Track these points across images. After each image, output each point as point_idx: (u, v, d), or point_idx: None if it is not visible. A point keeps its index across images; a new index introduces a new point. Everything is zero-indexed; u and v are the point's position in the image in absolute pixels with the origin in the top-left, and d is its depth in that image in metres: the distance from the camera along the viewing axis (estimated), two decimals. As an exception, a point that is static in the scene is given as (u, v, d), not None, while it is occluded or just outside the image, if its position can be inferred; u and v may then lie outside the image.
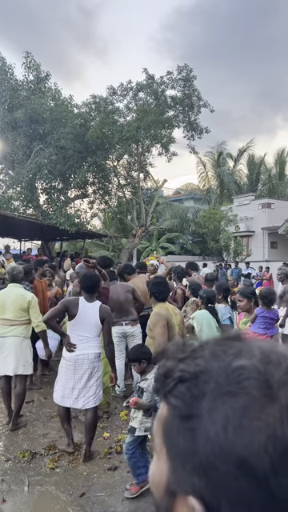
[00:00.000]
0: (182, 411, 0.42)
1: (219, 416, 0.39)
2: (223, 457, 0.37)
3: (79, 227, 14.37)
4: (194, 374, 0.43)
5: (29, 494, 3.26)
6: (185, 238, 28.58)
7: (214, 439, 0.38)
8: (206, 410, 0.40)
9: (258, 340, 0.47)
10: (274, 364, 0.41)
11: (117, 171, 16.73)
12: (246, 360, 0.42)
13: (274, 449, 0.36)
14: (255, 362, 0.41)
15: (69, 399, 3.74)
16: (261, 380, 0.40)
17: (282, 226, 20.40)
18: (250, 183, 29.70)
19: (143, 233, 16.31)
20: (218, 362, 0.43)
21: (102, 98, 14.89)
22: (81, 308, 3.76)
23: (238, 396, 0.39)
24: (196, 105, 14.43)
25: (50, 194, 15.67)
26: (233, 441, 0.37)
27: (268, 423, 0.37)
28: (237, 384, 0.40)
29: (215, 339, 0.48)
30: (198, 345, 0.47)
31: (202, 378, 0.42)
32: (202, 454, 0.39)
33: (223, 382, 0.41)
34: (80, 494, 3.22)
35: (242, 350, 0.44)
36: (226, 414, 0.39)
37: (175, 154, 15.73)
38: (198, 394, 0.41)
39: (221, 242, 21.73)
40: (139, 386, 3.21)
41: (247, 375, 0.40)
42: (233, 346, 0.44)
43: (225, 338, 0.48)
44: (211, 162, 30.56)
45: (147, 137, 14.33)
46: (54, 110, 14.54)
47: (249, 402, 0.39)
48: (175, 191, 37.85)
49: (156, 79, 14.27)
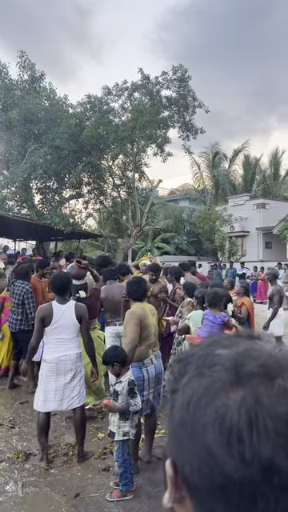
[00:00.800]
0: (171, 386, 0.50)
1: (188, 391, 0.46)
2: (183, 424, 0.45)
3: (74, 227, 14.33)
4: (186, 356, 0.51)
5: (23, 495, 3.25)
6: (180, 238, 28.62)
7: (179, 408, 0.46)
8: (182, 385, 0.48)
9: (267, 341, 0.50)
10: (251, 358, 0.45)
11: (112, 171, 16.71)
12: (226, 350, 0.48)
13: (221, 426, 0.41)
14: (233, 353, 0.46)
15: (52, 402, 3.65)
16: (230, 367, 0.45)
17: (276, 226, 20.48)
18: (245, 183, 29.80)
19: (138, 233, 16.31)
20: (207, 349, 0.50)
21: (97, 97, 14.87)
22: (55, 313, 3.69)
23: (205, 377, 0.46)
24: (191, 105, 14.44)
25: (44, 193, 15.61)
26: (191, 412, 0.44)
27: (224, 404, 0.42)
28: (209, 367, 0.46)
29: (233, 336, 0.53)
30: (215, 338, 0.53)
31: (188, 360, 0.50)
32: (173, 421, 0.47)
33: (200, 364, 0.48)
34: (74, 494, 3.21)
35: (234, 344, 0.49)
36: (193, 389, 0.45)
37: (170, 155, 15.75)
38: (183, 372, 0.49)
39: (216, 242, 21.80)
40: (114, 388, 3.19)
41: (219, 361, 0.46)
42: (232, 341, 0.50)
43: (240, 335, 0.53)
44: (206, 163, 30.62)
45: (142, 137, 14.33)
46: (49, 109, 14.49)
47: (213, 384, 0.44)
48: (170, 191, 37.89)
49: (151, 79, 14.27)
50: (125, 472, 3.14)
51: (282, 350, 0.47)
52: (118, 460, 3.14)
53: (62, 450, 3.98)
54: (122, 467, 3.13)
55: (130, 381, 3.19)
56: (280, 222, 19.35)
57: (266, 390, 0.42)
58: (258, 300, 17.02)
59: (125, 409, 3.11)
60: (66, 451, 3.96)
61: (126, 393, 3.12)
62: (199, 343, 0.53)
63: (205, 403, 0.44)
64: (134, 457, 3.52)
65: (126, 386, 3.14)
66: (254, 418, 0.40)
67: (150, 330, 3.64)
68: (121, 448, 3.14)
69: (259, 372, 0.43)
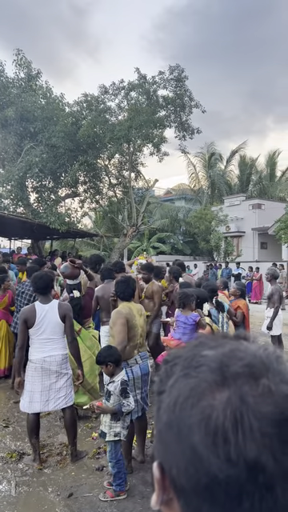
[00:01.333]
0: (158, 387, 0.50)
1: (174, 392, 0.46)
2: (169, 425, 0.45)
3: (70, 226, 14.29)
4: (173, 357, 0.51)
5: (16, 495, 3.24)
6: (176, 238, 28.65)
7: (166, 409, 0.46)
8: (169, 386, 0.48)
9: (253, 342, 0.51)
10: (237, 358, 0.46)
11: (108, 170, 16.69)
12: (212, 351, 0.48)
13: (206, 427, 0.42)
14: (219, 354, 0.47)
15: (38, 403, 3.61)
16: (215, 368, 0.45)
17: (272, 226, 20.54)
18: (241, 184, 29.86)
19: (134, 232, 16.30)
20: (193, 350, 0.50)
21: (93, 96, 14.83)
22: (38, 313, 3.64)
23: (191, 377, 0.46)
24: (188, 105, 14.45)
25: (40, 192, 15.57)
26: (177, 413, 0.44)
27: (210, 404, 0.43)
28: (194, 368, 0.46)
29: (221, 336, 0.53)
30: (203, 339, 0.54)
31: (175, 361, 0.50)
32: (161, 420, 0.47)
33: (186, 365, 0.48)
34: (68, 494, 3.20)
35: (220, 344, 0.49)
36: (179, 390, 0.46)
37: (166, 154, 15.76)
38: (169, 374, 0.49)
39: (211, 242, 21.84)
40: (107, 388, 3.16)
41: (205, 362, 0.46)
42: (219, 342, 0.50)
43: (225, 335, 0.53)
44: (202, 163, 30.65)
45: (139, 136, 14.31)
46: (45, 108, 14.44)
47: (198, 385, 0.45)
48: (166, 191, 37.91)
49: (148, 79, 14.26)
50: (118, 472, 3.14)
51: (267, 350, 0.48)
52: (112, 460, 3.13)
53: (55, 450, 3.97)
54: (115, 467, 3.13)
55: (122, 381, 3.18)
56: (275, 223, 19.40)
57: (251, 390, 0.43)
58: (252, 300, 17.07)
59: (117, 410, 3.10)
60: (59, 451, 3.95)
61: (119, 393, 3.11)
62: (186, 345, 0.53)
63: (191, 404, 0.44)
64: (128, 457, 3.52)
65: (118, 385, 3.12)
66: (240, 418, 0.41)
67: (137, 330, 3.61)
68: (113, 449, 3.13)
69: (244, 372, 0.44)
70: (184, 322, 3.59)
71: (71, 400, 3.77)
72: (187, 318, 3.57)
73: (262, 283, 17.34)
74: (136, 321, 3.63)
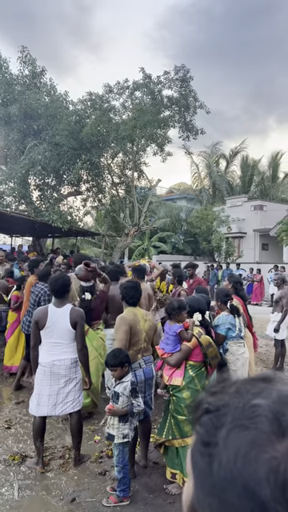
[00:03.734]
0: (204, 438, 0.48)
1: (231, 445, 0.44)
2: (232, 481, 0.42)
3: (72, 225, 14.27)
4: (217, 407, 0.49)
5: (19, 499, 3.23)
6: (177, 238, 28.62)
7: (225, 465, 0.44)
8: (222, 439, 0.45)
9: (285, 383, 0.51)
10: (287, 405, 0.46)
11: (111, 169, 16.65)
12: (262, 399, 0.47)
13: (276, 480, 0.40)
14: (270, 402, 0.46)
15: (45, 407, 3.61)
16: (272, 418, 0.44)
17: (273, 228, 20.51)
18: (243, 185, 29.82)
19: (136, 232, 16.28)
20: (239, 398, 0.48)
21: (97, 95, 14.78)
22: (50, 316, 3.63)
23: (249, 429, 0.44)
24: (192, 106, 14.39)
25: (43, 190, 15.53)
26: (240, 468, 0.42)
27: (273, 457, 0.42)
28: (250, 419, 0.45)
29: (245, 379, 0.53)
30: (230, 382, 0.53)
31: (222, 411, 0.48)
32: (215, 476, 0.44)
33: (239, 416, 0.46)
34: (71, 499, 3.20)
35: (262, 390, 0.49)
36: (238, 444, 0.44)
37: (170, 154, 15.72)
38: (217, 424, 0.47)
39: (212, 242, 21.80)
40: (114, 390, 3.14)
41: (260, 412, 0.45)
42: (257, 386, 0.50)
43: (253, 378, 0.53)
44: (205, 162, 30.61)
45: (143, 136, 14.27)
46: (49, 105, 14.38)
47: (258, 436, 0.43)
48: (168, 190, 37.85)
49: (153, 79, 14.21)
50: (124, 478, 3.13)
51: None
52: (119, 465, 3.12)
53: (58, 453, 3.97)
54: (121, 472, 3.12)
55: (132, 381, 3.19)
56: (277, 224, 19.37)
57: None
58: (253, 302, 17.08)
59: (129, 410, 3.10)
60: (62, 454, 3.95)
61: (129, 393, 3.11)
62: (221, 390, 0.52)
63: (254, 457, 0.42)
64: (131, 461, 3.51)
65: (128, 386, 3.12)
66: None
67: (141, 335, 3.59)
68: (121, 453, 3.12)
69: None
70: (167, 331, 3.54)
71: (79, 405, 3.77)
72: (169, 328, 3.50)
73: (263, 285, 17.35)
74: (140, 326, 3.61)
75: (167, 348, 3.51)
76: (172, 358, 3.45)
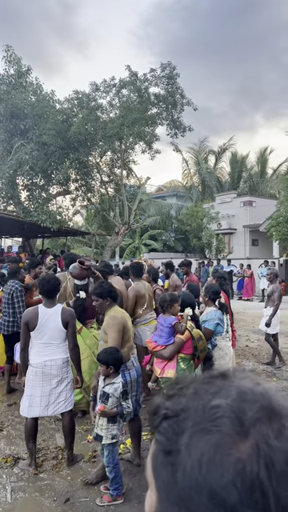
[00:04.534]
0: (165, 446, 0.45)
1: (195, 452, 0.42)
2: (197, 489, 0.41)
3: (61, 224, 14.20)
4: (176, 411, 0.46)
5: (12, 501, 3.21)
6: (167, 235, 28.68)
7: (190, 473, 0.41)
8: (184, 445, 0.43)
9: (243, 378, 0.50)
10: (248, 403, 0.44)
11: (99, 168, 16.59)
12: (222, 399, 0.45)
13: (242, 483, 0.39)
14: (230, 402, 0.44)
15: (37, 408, 3.59)
16: (234, 418, 0.43)
17: (263, 223, 20.65)
18: (232, 181, 29.95)
19: (126, 230, 16.25)
20: (198, 400, 0.46)
21: (84, 93, 14.70)
22: (41, 317, 3.61)
23: (211, 433, 0.42)
24: (179, 103, 14.40)
25: (31, 190, 15.43)
26: (206, 475, 0.40)
27: (238, 459, 0.40)
28: (211, 422, 0.43)
29: (203, 377, 0.51)
30: (186, 382, 0.50)
31: (182, 416, 0.45)
32: (180, 486, 0.42)
33: (200, 419, 0.44)
34: (64, 499, 3.19)
35: (221, 389, 0.47)
36: (201, 449, 0.42)
37: (158, 152, 15.70)
38: (178, 430, 0.45)
39: (203, 239, 21.87)
40: (104, 391, 3.11)
41: (221, 413, 0.43)
42: (215, 385, 0.48)
43: (211, 376, 0.51)
44: (193, 159, 30.67)
45: (130, 134, 14.24)
46: (36, 105, 14.29)
47: (221, 439, 0.42)
48: (158, 188, 37.87)
49: (139, 76, 14.17)
50: (116, 477, 3.13)
51: (263, 385, 0.48)
52: (109, 465, 3.12)
53: (51, 454, 3.95)
54: (113, 472, 3.12)
55: (123, 383, 3.18)
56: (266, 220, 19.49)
57: (272, 433, 0.42)
58: (244, 297, 17.19)
59: (119, 411, 3.09)
60: (55, 454, 3.93)
61: (120, 395, 3.10)
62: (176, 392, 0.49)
63: (219, 462, 0.41)
64: None
65: (120, 387, 3.11)
66: (271, 465, 0.40)
67: (130, 332, 3.61)
68: (111, 453, 3.12)
69: (261, 416, 0.43)
70: (161, 323, 3.57)
71: (71, 404, 3.75)
72: (164, 321, 3.54)
73: (254, 280, 17.46)
74: (129, 323, 3.63)
75: (160, 341, 3.53)
76: (166, 350, 3.48)
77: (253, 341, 8.90)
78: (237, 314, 12.33)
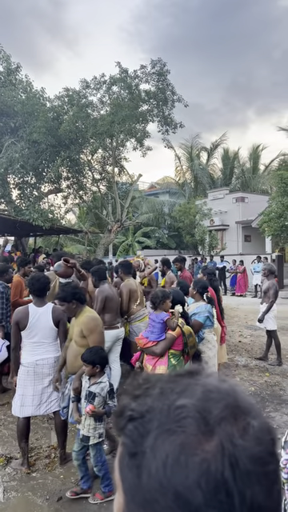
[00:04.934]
0: (130, 449, 0.45)
1: (159, 453, 0.42)
2: (162, 491, 0.40)
3: (53, 223, 14.14)
4: (141, 413, 0.46)
5: (5, 501, 3.20)
6: (161, 232, 28.69)
7: (154, 475, 0.41)
8: (149, 447, 0.43)
9: (209, 376, 0.49)
10: (214, 401, 0.44)
11: (91, 165, 16.53)
12: (187, 399, 0.45)
13: (207, 483, 0.39)
14: (195, 401, 0.44)
15: (29, 407, 3.57)
16: (199, 418, 0.42)
17: (255, 219, 20.72)
18: (224, 177, 30.00)
19: (119, 228, 16.23)
20: (163, 400, 0.46)
21: (74, 91, 14.62)
22: (31, 316, 3.59)
23: (176, 434, 0.42)
24: (170, 99, 14.38)
25: (22, 189, 15.33)
26: (170, 476, 0.40)
27: (203, 459, 0.40)
28: (176, 422, 0.43)
29: (170, 376, 0.51)
30: (153, 382, 0.50)
31: (147, 417, 0.45)
32: (145, 488, 0.42)
33: (165, 420, 0.44)
34: (57, 498, 3.19)
35: (186, 388, 0.47)
36: (166, 451, 0.41)
37: (150, 149, 15.68)
38: (143, 432, 0.44)
39: (196, 235, 21.92)
40: (90, 390, 3.08)
41: (186, 414, 0.43)
42: (181, 384, 0.48)
43: (178, 374, 0.51)
44: (186, 156, 30.68)
45: (121, 131, 14.20)
46: (26, 102, 14.18)
47: (186, 440, 0.41)
48: (151, 185, 37.85)
49: (130, 73, 14.12)
50: (106, 474, 3.13)
51: (229, 383, 0.48)
52: (98, 464, 3.11)
53: (43, 453, 3.94)
54: (102, 470, 3.12)
55: (110, 382, 3.17)
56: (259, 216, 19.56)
57: (237, 432, 0.42)
58: (237, 293, 17.26)
59: (107, 411, 3.08)
60: (48, 453, 3.92)
61: (106, 394, 3.09)
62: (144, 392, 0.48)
63: (184, 463, 0.40)
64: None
65: (106, 386, 3.10)
66: (236, 463, 0.40)
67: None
68: (98, 451, 3.11)
69: (226, 415, 0.43)
70: (153, 319, 3.57)
71: None
72: (156, 316, 3.56)
73: (247, 276, 17.53)
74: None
75: (152, 337, 3.54)
76: (157, 347, 3.49)
77: (246, 336, 8.94)
78: (230, 309, 12.38)
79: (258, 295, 15.74)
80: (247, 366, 6.65)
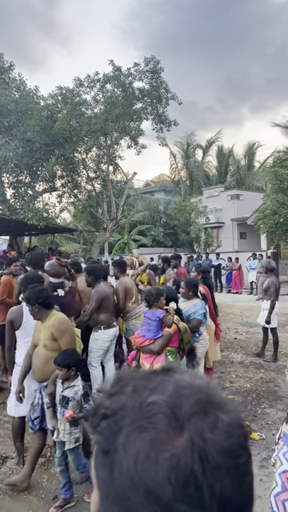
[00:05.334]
0: (103, 446, 0.45)
1: (131, 450, 0.42)
2: (134, 487, 0.41)
3: (48, 222, 14.11)
4: (114, 410, 0.46)
5: (0, 500, 3.20)
6: (156, 230, 28.68)
7: (126, 472, 0.42)
8: (121, 444, 0.43)
9: (183, 373, 0.50)
10: (184, 397, 0.45)
11: (86, 164, 16.51)
12: (158, 395, 0.45)
13: (177, 478, 0.40)
14: (166, 397, 0.45)
15: (24, 407, 3.55)
16: (170, 413, 0.43)
17: (250, 216, 20.77)
18: (219, 175, 30.03)
19: (114, 226, 16.22)
20: (136, 397, 0.46)
21: (68, 89, 14.58)
22: (26, 316, 3.58)
23: (147, 430, 0.43)
24: (164, 97, 14.37)
25: (17, 188, 15.29)
26: (141, 473, 0.41)
27: (173, 454, 0.40)
28: (147, 419, 0.43)
29: (144, 373, 0.52)
30: (126, 380, 0.50)
31: (120, 415, 0.45)
32: (118, 485, 0.42)
33: (137, 417, 0.44)
34: (52, 497, 3.19)
35: (159, 384, 0.47)
36: (137, 447, 0.42)
37: (144, 147, 15.68)
38: (116, 429, 0.45)
39: (191, 233, 21.93)
40: (63, 395, 2.99)
41: (157, 410, 0.44)
42: (154, 381, 0.48)
43: (152, 372, 0.51)
44: (181, 154, 30.68)
45: (115, 129, 14.18)
46: (19, 101, 14.13)
47: (157, 436, 0.42)
48: (146, 183, 37.82)
49: (123, 71, 14.10)
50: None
51: (201, 379, 0.49)
52: (79, 467, 3.05)
53: (39, 452, 3.94)
54: (85, 471, 3.09)
55: (84, 385, 3.09)
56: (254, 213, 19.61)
57: (207, 427, 0.42)
58: (233, 290, 17.30)
59: (84, 415, 2.96)
60: (43, 452, 3.91)
61: (81, 398, 3.00)
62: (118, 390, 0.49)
63: (154, 459, 0.41)
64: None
65: (80, 390, 3.01)
66: (205, 457, 0.40)
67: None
68: (77, 455, 3.05)
69: (197, 410, 0.43)
70: (149, 317, 3.56)
71: None
72: (152, 314, 3.55)
73: (242, 273, 17.57)
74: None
75: (148, 335, 3.53)
76: (155, 345, 3.48)
77: (241, 333, 8.97)
78: (226, 306, 12.42)
79: (254, 292, 15.78)
80: (243, 363, 6.67)
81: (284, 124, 23.17)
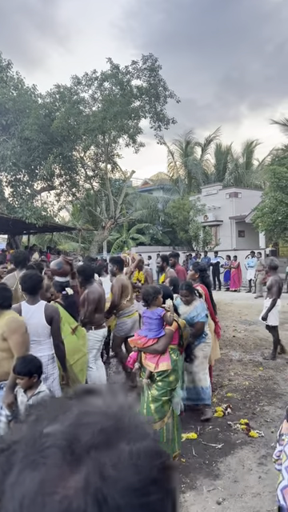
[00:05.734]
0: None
1: (17, 492, 0.36)
2: None
3: (46, 220, 14.11)
4: (9, 444, 0.40)
5: None
6: (155, 229, 28.68)
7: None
8: (10, 485, 0.36)
9: (101, 394, 0.44)
10: (85, 427, 0.38)
11: (84, 162, 16.49)
12: (56, 425, 0.39)
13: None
14: (65, 427, 0.39)
15: None
16: (65, 446, 0.37)
17: (248, 214, 20.79)
18: (218, 173, 30.02)
19: (112, 225, 16.22)
20: (34, 428, 0.40)
21: (66, 87, 14.56)
22: (24, 314, 3.56)
23: (38, 467, 0.36)
24: (162, 95, 14.36)
25: (15, 186, 15.28)
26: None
27: (64, 496, 0.34)
28: (40, 453, 0.37)
29: (57, 399, 0.46)
30: (37, 407, 0.44)
31: (13, 449, 0.39)
32: None
33: (30, 451, 0.38)
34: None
35: (64, 411, 0.41)
36: (24, 490, 0.35)
37: (142, 145, 15.68)
38: (6, 467, 0.38)
39: (190, 231, 21.93)
40: (29, 404, 2.81)
41: (51, 443, 0.37)
42: (61, 408, 0.42)
43: (65, 396, 0.45)
44: (179, 152, 30.67)
45: (114, 127, 14.17)
46: (17, 100, 14.10)
47: (47, 475, 0.36)
48: (144, 181, 37.80)
49: (121, 69, 14.08)
50: None
51: (119, 405, 0.42)
52: None
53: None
54: None
55: (49, 389, 3.02)
56: (252, 211, 19.63)
57: (110, 461, 0.36)
58: (231, 288, 17.33)
59: None
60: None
61: None
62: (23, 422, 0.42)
63: (41, 504, 0.34)
64: None
65: (47, 394, 2.92)
66: (103, 500, 0.34)
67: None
68: None
69: (99, 442, 0.37)
70: (149, 316, 3.53)
71: None
72: (152, 313, 3.52)
73: (241, 271, 17.59)
74: None
75: (151, 334, 3.50)
76: (159, 344, 3.44)
77: (240, 331, 8.99)
78: (224, 304, 12.44)
79: (252, 290, 15.80)
80: (241, 361, 6.69)
81: (282, 121, 23.21)
